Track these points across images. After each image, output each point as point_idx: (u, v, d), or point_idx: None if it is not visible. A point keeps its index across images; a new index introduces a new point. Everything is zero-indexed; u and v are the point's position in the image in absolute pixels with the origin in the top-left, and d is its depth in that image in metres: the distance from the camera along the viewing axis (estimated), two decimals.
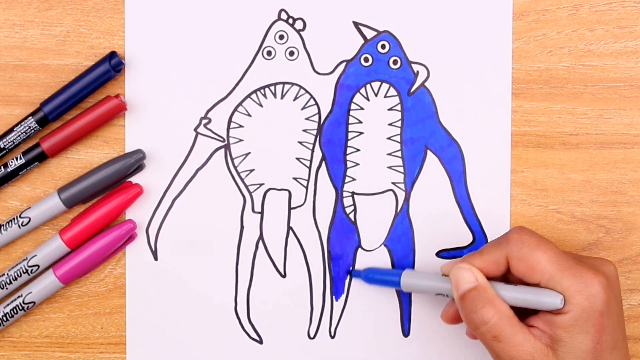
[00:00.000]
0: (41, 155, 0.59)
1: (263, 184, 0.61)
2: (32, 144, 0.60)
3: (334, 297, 0.62)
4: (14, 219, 0.60)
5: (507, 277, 0.55)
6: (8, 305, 0.60)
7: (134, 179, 0.61)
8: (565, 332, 0.52)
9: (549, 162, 0.61)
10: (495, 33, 0.60)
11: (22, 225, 0.60)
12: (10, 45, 0.61)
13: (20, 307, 0.60)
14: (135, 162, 0.60)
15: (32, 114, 0.59)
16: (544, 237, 0.55)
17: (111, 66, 0.59)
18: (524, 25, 0.60)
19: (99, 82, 0.59)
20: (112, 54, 0.59)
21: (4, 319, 0.60)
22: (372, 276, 0.60)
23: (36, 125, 0.59)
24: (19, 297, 0.60)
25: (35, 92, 0.61)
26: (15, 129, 0.59)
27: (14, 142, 0.60)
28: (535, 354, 0.52)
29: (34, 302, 0.60)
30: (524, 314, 0.54)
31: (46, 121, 0.59)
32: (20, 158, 0.59)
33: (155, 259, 0.61)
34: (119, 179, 0.60)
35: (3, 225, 0.60)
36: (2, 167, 0.60)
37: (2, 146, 0.59)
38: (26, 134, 0.59)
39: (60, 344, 0.62)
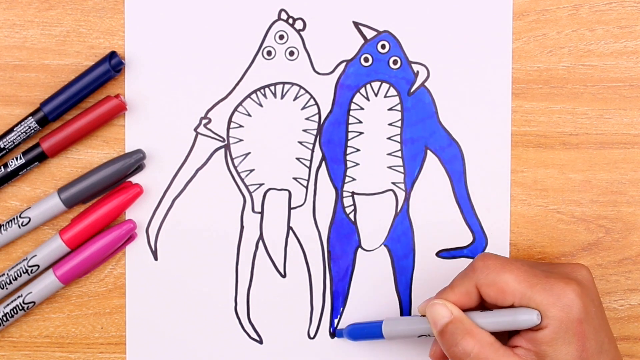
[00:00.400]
0: (41, 155, 0.59)
1: (263, 184, 0.61)
2: (32, 144, 0.60)
3: (334, 297, 0.61)
4: (14, 219, 0.60)
5: (484, 304, 0.55)
6: (8, 305, 0.60)
7: (134, 179, 0.61)
8: (549, 347, 0.52)
9: (549, 162, 0.61)
10: (495, 33, 0.60)
11: (22, 225, 0.60)
12: (10, 45, 0.61)
13: (20, 307, 0.60)
14: (135, 162, 0.60)
15: (32, 114, 0.59)
16: (509, 258, 0.55)
17: (111, 66, 0.59)
18: (524, 25, 0.60)
19: (99, 82, 0.59)
20: (112, 54, 0.59)
21: (4, 319, 0.60)
22: (354, 332, 0.60)
23: (36, 125, 0.59)
24: (19, 297, 0.60)
25: (35, 92, 0.61)
26: (15, 129, 0.59)
27: (14, 142, 0.60)
28: None
29: (34, 302, 0.60)
30: (505, 336, 0.54)
31: (46, 121, 0.59)
32: (20, 158, 0.59)
33: (155, 259, 0.61)
34: (119, 179, 0.60)
35: (3, 225, 0.60)
36: (2, 167, 0.60)
37: (2, 146, 0.59)
38: (26, 134, 0.59)
39: (60, 344, 0.62)
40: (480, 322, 0.54)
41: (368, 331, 0.59)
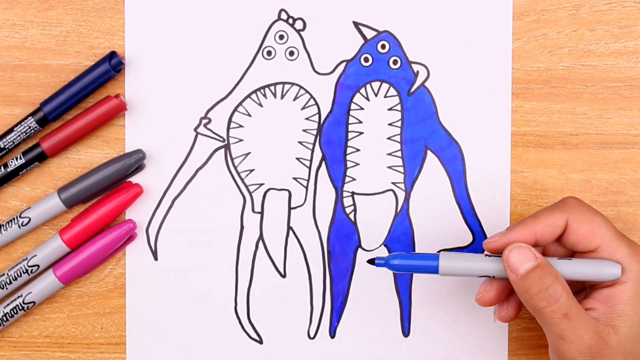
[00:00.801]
0: (41, 155, 0.59)
1: (263, 184, 0.61)
2: (32, 144, 0.60)
3: (334, 297, 0.61)
4: (14, 219, 0.60)
5: (558, 246, 0.54)
6: (8, 305, 0.60)
7: (134, 179, 0.61)
8: (627, 305, 0.51)
9: (549, 162, 0.61)
10: (495, 33, 0.60)
11: (22, 225, 0.60)
12: (10, 45, 0.61)
13: (20, 307, 0.60)
14: (135, 162, 0.60)
15: (32, 114, 0.59)
16: None
17: (111, 66, 0.59)
18: (524, 25, 0.60)
19: (99, 82, 0.59)
20: (112, 54, 0.59)
21: (4, 319, 0.60)
22: (401, 264, 0.54)
23: (36, 125, 0.59)
24: (19, 297, 0.60)
25: (35, 92, 0.61)
26: (15, 129, 0.59)
27: (14, 142, 0.59)
28: (600, 332, 0.51)
29: (34, 302, 0.60)
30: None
31: (46, 121, 0.59)
32: (20, 158, 0.59)
33: (155, 259, 0.61)
34: (119, 179, 0.60)
35: (3, 225, 0.60)
36: (2, 167, 0.60)
37: (2, 146, 0.59)
38: (26, 134, 0.59)
39: (60, 344, 0.62)
40: (561, 270, 0.52)
41: (420, 264, 0.54)
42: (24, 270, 0.60)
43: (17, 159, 0.59)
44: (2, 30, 0.61)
